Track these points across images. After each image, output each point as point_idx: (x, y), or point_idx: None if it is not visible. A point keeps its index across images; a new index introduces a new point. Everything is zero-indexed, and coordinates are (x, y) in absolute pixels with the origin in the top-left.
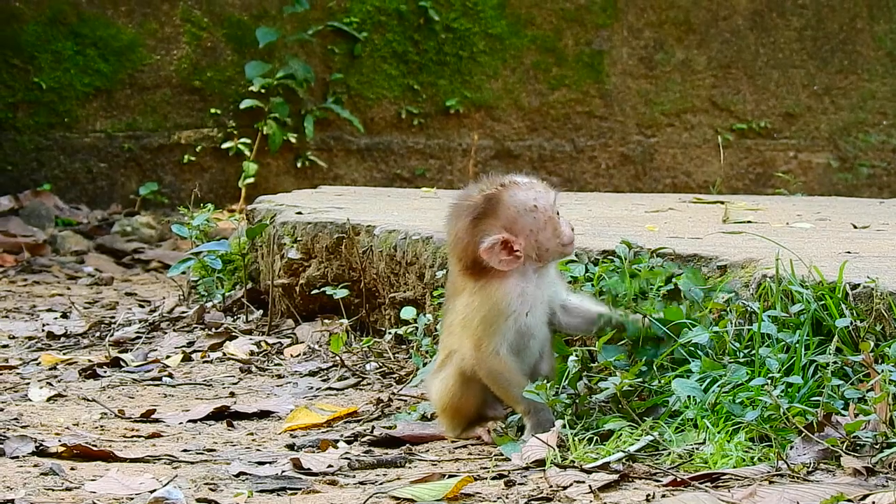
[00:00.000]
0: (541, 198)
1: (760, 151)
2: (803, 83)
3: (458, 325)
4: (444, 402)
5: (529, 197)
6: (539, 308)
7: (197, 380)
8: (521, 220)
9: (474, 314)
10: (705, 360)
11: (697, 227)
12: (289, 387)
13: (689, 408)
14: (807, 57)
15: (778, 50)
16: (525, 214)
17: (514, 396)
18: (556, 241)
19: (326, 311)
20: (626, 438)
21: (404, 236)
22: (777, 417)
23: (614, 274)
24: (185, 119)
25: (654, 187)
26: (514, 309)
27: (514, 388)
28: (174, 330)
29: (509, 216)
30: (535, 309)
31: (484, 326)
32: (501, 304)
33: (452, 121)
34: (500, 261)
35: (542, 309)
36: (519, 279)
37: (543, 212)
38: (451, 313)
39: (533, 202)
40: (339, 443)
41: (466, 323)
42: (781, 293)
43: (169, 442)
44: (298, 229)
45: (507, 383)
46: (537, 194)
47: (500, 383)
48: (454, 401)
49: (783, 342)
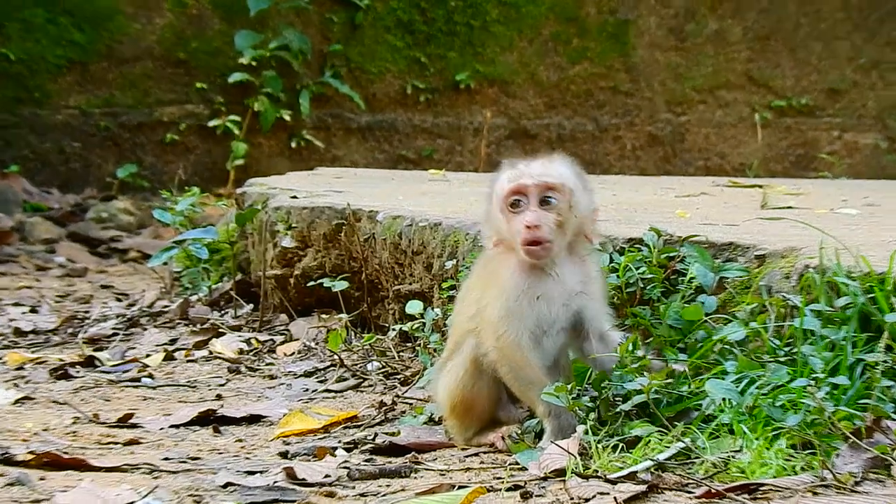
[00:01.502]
0: (499, 183)
1: (802, 131)
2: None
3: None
4: (453, 397)
5: (496, 181)
6: (555, 301)
7: (180, 381)
8: (489, 204)
9: (489, 294)
10: (742, 358)
11: (733, 213)
12: (282, 388)
13: (725, 411)
14: (852, 28)
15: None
16: (490, 199)
17: (534, 397)
18: (514, 236)
19: (324, 305)
20: (655, 445)
21: (410, 223)
22: (821, 422)
23: (642, 264)
24: (168, 94)
25: (685, 170)
26: (521, 287)
27: (534, 387)
28: (155, 326)
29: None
30: (549, 299)
31: (499, 307)
32: (510, 280)
33: (463, 97)
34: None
35: (558, 304)
36: (536, 265)
37: (497, 202)
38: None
39: (494, 187)
40: (338, 450)
41: (483, 305)
42: (826, 285)
43: (149, 449)
44: (293, 215)
45: (527, 381)
46: (500, 182)
47: (520, 379)
48: (465, 394)
49: (828, 339)
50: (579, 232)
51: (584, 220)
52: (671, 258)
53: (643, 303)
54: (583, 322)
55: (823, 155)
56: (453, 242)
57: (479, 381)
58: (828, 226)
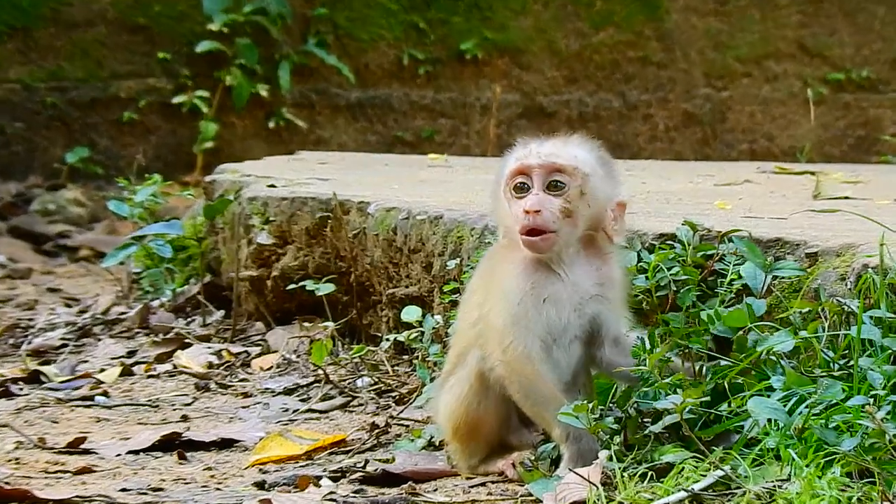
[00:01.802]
0: (503, 167)
1: (862, 108)
2: None
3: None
4: (456, 418)
5: (504, 163)
6: (565, 306)
7: (140, 399)
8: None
9: (492, 297)
10: (790, 373)
11: (781, 204)
12: (258, 408)
13: (770, 434)
14: None
15: None
16: (496, 184)
17: (549, 417)
18: (514, 224)
19: (306, 311)
20: (690, 474)
21: (406, 216)
22: (881, 446)
23: (674, 263)
24: (126, 66)
25: (726, 154)
26: (523, 288)
27: (549, 406)
28: (110, 336)
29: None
30: (558, 303)
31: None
32: (512, 279)
33: (469, 69)
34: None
35: (568, 309)
36: (542, 263)
37: (499, 184)
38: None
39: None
40: (323, 480)
41: (485, 311)
42: (887, 288)
43: (103, 479)
44: (271, 207)
45: (541, 398)
46: (505, 162)
47: (533, 397)
48: (469, 415)
49: (889, 350)
50: (597, 226)
51: (601, 212)
52: (709, 257)
53: (675, 308)
54: (599, 330)
55: (887, 137)
56: (456, 239)
57: (486, 399)
58: (891, 219)
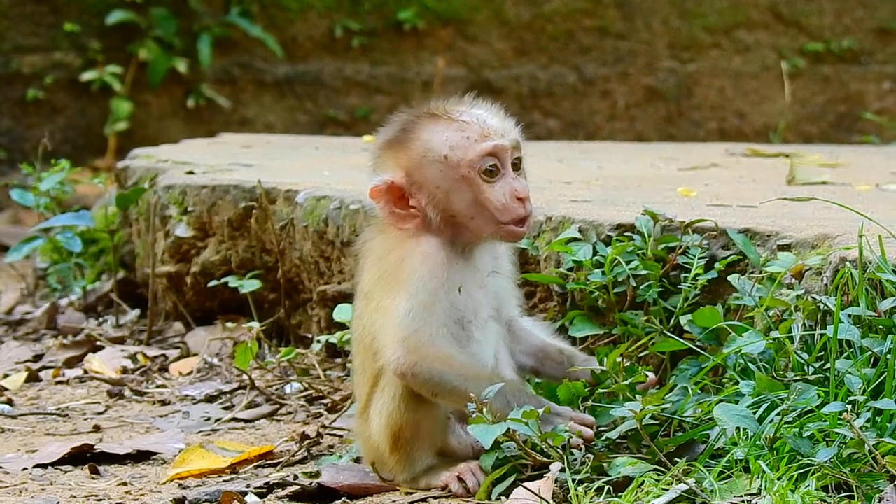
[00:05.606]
0: (459, 146)
1: (843, 83)
2: None
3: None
4: (394, 423)
5: (445, 140)
6: (477, 292)
7: (47, 408)
8: (425, 169)
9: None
10: (761, 377)
11: (751, 190)
12: (177, 417)
13: (738, 444)
14: None
15: None
16: (430, 163)
17: (477, 393)
18: (482, 212)
19: (229, 310)
20: (650, 488)
21: (339, 205)
22: (861, 457)
23: (633, 257)
24: (29, 39)
25: (692, 133)
26: (440, 278)
27: (474, 381)
28: (14, 338)
29: (414, 159)
30: (470, 290)
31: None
32: (421, 268)
33: (408, 41)
34: (391, 212)
35: (482, 295)
36: (443, 246)
37: (455, 167)
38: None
39: (446, 149)
40: (248, 496)
41: (383, 310)
42: (866, 283)
43: (8, 496)
44: (189, 196)
45: (461, 377)
46: (459, 139)
47: (451, 380)
48: (408, 417)
49: (869, 352)
50: None
51: None
52: (671, 250)
53: (635, 306)
54: (500, 308)
55: (869, 115)
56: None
57: (422, 407)
58: (871, 207)
